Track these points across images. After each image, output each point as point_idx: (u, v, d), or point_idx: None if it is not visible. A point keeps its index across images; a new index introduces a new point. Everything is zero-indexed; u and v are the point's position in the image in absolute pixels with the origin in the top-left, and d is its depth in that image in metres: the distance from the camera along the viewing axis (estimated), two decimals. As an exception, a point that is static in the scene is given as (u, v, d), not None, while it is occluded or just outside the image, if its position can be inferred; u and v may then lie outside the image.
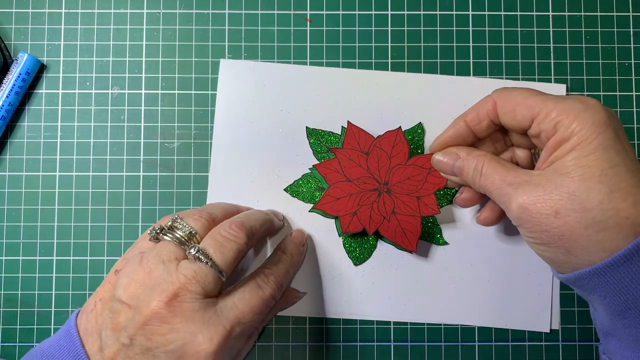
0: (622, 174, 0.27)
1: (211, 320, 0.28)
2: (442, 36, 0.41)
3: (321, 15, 0.41)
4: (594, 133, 0.28)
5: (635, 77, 0.41)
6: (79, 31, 0.41)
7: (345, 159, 0.38)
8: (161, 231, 0.31)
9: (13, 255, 0.39)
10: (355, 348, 0.39)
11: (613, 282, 0.27)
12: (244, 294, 0.30)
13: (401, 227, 0.37)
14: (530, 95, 0.31)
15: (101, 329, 0.28)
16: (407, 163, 0.37)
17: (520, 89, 0.32)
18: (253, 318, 0.30)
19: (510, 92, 0.32)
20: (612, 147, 0.28)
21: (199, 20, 0.41)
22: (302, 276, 0.39)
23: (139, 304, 0.28)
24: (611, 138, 0.28)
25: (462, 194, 0.37)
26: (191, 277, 0.28)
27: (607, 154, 0.27)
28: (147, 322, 0.27)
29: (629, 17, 0.41)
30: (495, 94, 0.33)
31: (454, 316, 0.39)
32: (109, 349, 0.27)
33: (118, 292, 0.28)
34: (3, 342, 0.39)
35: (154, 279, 0.28)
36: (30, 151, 0.40)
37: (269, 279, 0.32)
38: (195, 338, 0.27)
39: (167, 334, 0.27)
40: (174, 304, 0.27)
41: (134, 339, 0.27)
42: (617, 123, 0.29)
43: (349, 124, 0.38)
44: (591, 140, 0.28)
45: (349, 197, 0.37)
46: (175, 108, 0.40)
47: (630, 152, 0.28)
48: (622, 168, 0.27)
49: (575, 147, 0.28)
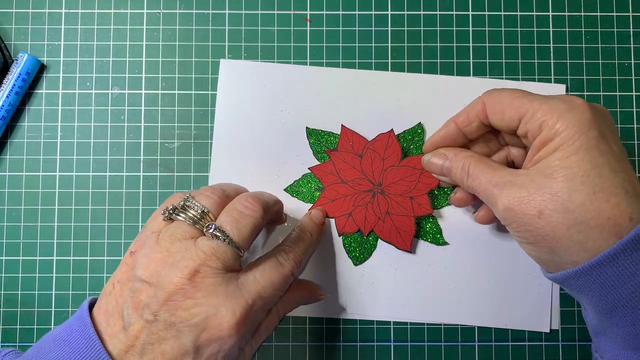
0: (605, 175, 0.27)
1: (234, 294, 0.28)
2: (442, 36, 0.41)
3: (321, 15, 0.41)
4: (577, 133, 0.28)
5: (635, 77, 0.41)
6: (79, 31, 0.41)
7: (340, 161, 0.38)
8: (174, 211, 0.31)
9: (13, 255, 0.39)
10: (355, 348, 0.39)
11: (598, 282, 0.28)
12: (264, 269, 0.30)
13: (395, 227, 0.38)
14: (518, 96, 0.31)
15: (122, 309, 0.29)
16: (400, 164, 0.38)
17: (509, 90, 0.32)
18: (273, 293, 0.30)
19: (499, 93, 0.32)
20: (595, 148, 0.28)
21: (199, 20, 0.41)
22: (302, 276, 0.39)
23: (161, 280, 0.28)
24: (595, 138, 0.28)
25: (456, 194, 0.37)
26: (210, 254, 0.29)
27: (590, 155, 0.28)
28: (170, 298, 0.28)
29: (629, 17, 0.41)
30: (484, 96, 0.33)
31: (454, 316, 0.39)
32: (132, 326, 0.28)
33: (138, 272, 0.29)
34: (3, 342, 0.39)
35: (173, 255, 0.29)
36: (30, 151, 0.40)
37: (288, 256, 0.32)
38: (218, 311, 0.28)
39: (191, 309, 0.28)
40: (196, 280, 0.28)
41: (158, 315, 0.28)
42: (603, 123, 0.29)
43: (342, 127, 0.39)
44: (574, 140, 0.28)
45: (344, 199, 0.38)
46: (175, 108, 0.40)
47: (617, 152, 0.28)
48: (606, 169, 0.27)
49: (559, 148, 0.28)
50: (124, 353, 0.27)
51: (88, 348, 0.27)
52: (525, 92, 0.31)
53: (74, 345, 0.27)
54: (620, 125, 0.40)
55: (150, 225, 0.31)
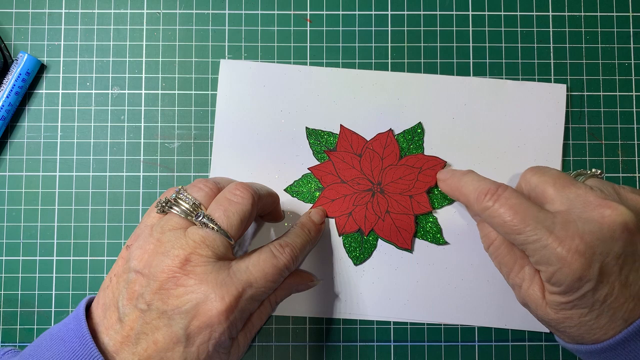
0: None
1: (224, 282, 0.29)
2: (442, 36, 0.41)
3: (321, 16, 0.41)
4: (574, 290, 0.29)
5: (635, 77, 0.41)
6: (79, 31, 0.41)
7: (339, 161, 0.39)
8: (167, 204, 0.31)
9: (13, 255, 0.39)
10: (355, 348, 0.39)
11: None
12: (258, 259, 0.31)
13: (395, 226, 0.38)
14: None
15: (118, 300, 0.29)
16: (398, 163, 0.38)
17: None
18: (265, 284, 0.30)
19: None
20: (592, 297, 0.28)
21: (199, 20, 0.41)
22: (302, 276, 0.39)
23: (153, 270, 0.28)
24: (592, 290, 0.28)
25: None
26: (200, 242, 0.29)
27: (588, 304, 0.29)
28: (163, 287, 0.28)
29: (629, 17, 0.41)
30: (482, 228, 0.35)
31: (454, 316, 0.39)
32: (127, 317, 0.28)
33: (132, 264, 0.29)
34: (3, 342, 0.39)
35: (164, 245, 0.29)
36: (30, 151, 0.40)
37: (284, 250, 0.32)
38: (208, 297, 0.28)
39: (182, 296, 0.28)
40: (187, 268, 0.28)
41: (151, 304, 0.28)
42: (603, 261, 0.28)
43: (341, 127, 0.39)
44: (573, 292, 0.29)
45: (344, 198, 0.38)
46: (175, 108, 0.40)
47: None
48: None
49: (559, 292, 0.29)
50: (119, 344, 0.28)
51: (81, 346, 0.27)
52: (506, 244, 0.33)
53: (68, 344, 0.28)
54: (620, 125, 0.40)
55: (145, 220, 0.32)
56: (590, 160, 0.40)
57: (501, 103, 0.40)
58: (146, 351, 0.27)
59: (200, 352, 0.28)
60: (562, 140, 0.40)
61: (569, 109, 0.40)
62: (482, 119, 0.40)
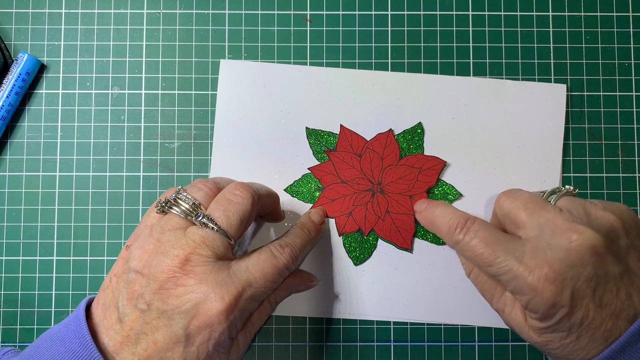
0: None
1: (224, 281, 0.29)
2: (442, 36, 0.41)
3: (321, 15, 0.41)
4: (548, 317, 0.29)
5: (635, 77, 0.41)
6: (79, 31, 0.41)
7: (339, 161, 0.39)
8: (167, 204, 0.31)
9: (13, 255, 0.39)
10: (355, 348, 0.39)
11: None
12: (258, 259, 0.31)
13: (395, 226, 0.38)
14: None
15: (117, 301, 0.29)
16: (398, 163, 0.38)
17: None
18: (265, 284, 0.30)
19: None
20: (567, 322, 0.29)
21: (199, 20, 0.41)
22: (302, 276, 0.39)
23: (153, 270, 0.29)
24: (566, 315, 0.28)
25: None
26: (200, 242, 0.29)
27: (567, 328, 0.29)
28: (162, 286, 0.28)
29: (629, 17, 0.41)
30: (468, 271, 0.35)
31: (454, 316, 0.39)
32: (127, 317, 0.28)
33: (132, 264, 0.29)
34: (3, 342, 0.39)
35: (164, 245, 0.29)
36: (30, 151, 0.40)
37: (284, 250, 0.32)
38: (208, 297, 0.28)
39: (182, 296, 0.28)
40: (187, 267, 0.28)
41: (151, 304, 0.28)
42: (575, 286, 0.28)
43: (341, 127, 0.39)
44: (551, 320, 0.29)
45: (344, 198, 0.38)
46: (175, 108, 0.40)
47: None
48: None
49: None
50: (119, 344, 0.28)
51: (81, 347, 0.27)
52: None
53: (68, 344, 0.28)
54: (620, 125, 0.40)
55: (145, 220, 0.32)
56: (590, 160, 0.40)
57: (501, 103, 0.40)
58: (146, 351, 0.27)
59: (200, 352, 0.28)
60: (562, 140, 0.40)
61: (569, 109, 0.40)
62: (482, 119, 0.40)
